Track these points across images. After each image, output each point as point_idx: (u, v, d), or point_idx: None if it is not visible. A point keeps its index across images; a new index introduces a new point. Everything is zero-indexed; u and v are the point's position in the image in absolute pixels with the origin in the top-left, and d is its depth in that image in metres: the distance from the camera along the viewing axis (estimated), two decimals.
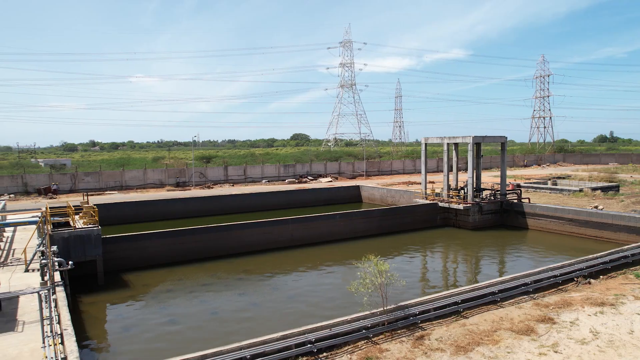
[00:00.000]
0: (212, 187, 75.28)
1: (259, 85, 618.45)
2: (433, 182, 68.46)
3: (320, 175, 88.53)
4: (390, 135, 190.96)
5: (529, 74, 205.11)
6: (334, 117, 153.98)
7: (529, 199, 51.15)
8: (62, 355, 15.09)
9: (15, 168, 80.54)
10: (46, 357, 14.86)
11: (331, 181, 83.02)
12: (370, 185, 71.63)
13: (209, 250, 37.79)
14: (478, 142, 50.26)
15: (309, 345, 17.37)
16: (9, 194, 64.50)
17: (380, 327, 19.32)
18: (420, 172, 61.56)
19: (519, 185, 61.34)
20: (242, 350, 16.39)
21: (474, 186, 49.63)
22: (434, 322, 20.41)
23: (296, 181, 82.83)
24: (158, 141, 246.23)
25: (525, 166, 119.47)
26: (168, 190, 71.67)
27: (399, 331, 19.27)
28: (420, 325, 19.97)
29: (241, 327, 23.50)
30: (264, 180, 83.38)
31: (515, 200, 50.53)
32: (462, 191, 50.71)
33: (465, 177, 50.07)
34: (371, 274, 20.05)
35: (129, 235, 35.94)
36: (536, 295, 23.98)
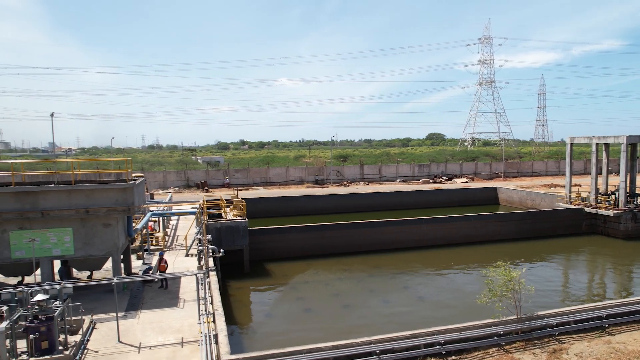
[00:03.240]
0: (348, 185, 76.89)
1: (395, 85, 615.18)
2: (579, 186, 62.77)
3: (455, 176, 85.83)
4: (531, 134, 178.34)
5: None
6: (472, 115, 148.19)
7: None
8: (214, 333, 16.74)
9: (179, 165, 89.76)
10: (201, 332, 16.59)
11: (467, 182, 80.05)
12: (509, 187, 67.76)
13: (344, 245, 38.84)
14: (633, 143, 45.02)
15: (437, 347, 17.17)
16: (175, 187, 72.26)
17: (514, 336, 18.40)
18: (564, 175, 56.70)
19: None
20: (372, 345, 16.73)
21: (627, 191, 44.56)
22: (573, 335, 18.90)
23: (430, 181, 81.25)
24: (299, 140, 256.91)
25: None
26: (307, 187, 74.69)
27: (533, 342, 18.19)
28: (558, 337, 18.63)
29: (370, 322, 23.89)
30: (398, 180, 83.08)
31: None
32: (613, 196, 45.79)
33: (617, 181, 45.09)
34: (502, 280, 19.17)
35: (272, 228, 38.34)
36: None
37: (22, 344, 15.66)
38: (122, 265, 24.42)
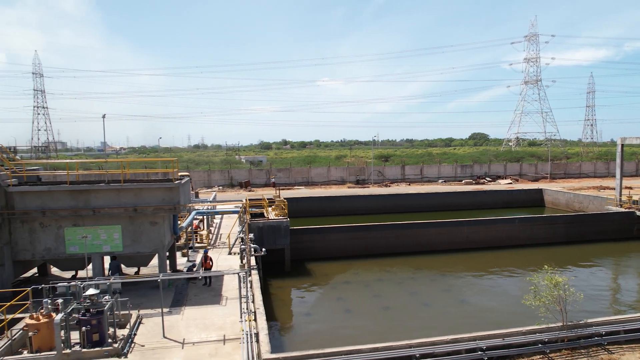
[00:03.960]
0: (389, 186, 76.26)
1: (438, 85, 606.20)
2: (630, 188, 59.98)
3: (499, 177, 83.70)
4: (579, 134, 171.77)
5: None
6: (516, 115, 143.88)
7: None
8: (255, 331, 16.93)
9: (223, 164, 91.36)
10: (242, 330, 16.82)
11: (511, 183, 77.92)
12: (555, 188, 65.50)
13: (384, 246, 38.54)
14: None
15: (479, 352, 16.77)
16: (219, 186, 73.60)
17: (559, 344, 17.75)
18: (613, 176, 54.33)
19: None
20: (412, 349, 16.51)
21: None
22: (623, 346, 18.05)
23: (473, 182, 79.54)
24: (341, 140, 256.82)
25: None
26: (349, 187, 74.55)
27: (580, 350, 17.50)
28: (607, 347, 17.84)
29: (411, 325, 23.60)
30: (440, 180, 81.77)
31: None
32: None
33: None
34: (546, 286, 18.51)
35: (313, 228, 38.46)
36: None
37: (75, 335, 16.31)
38: (168, 262, 25.05)
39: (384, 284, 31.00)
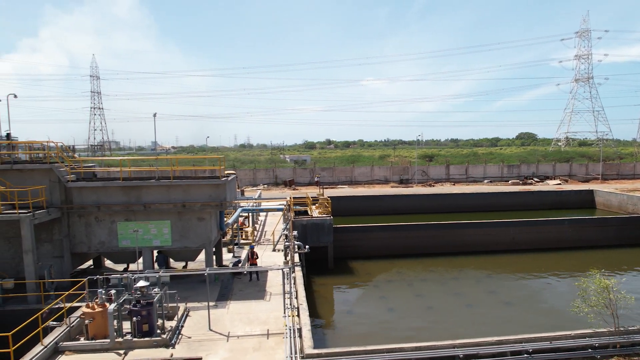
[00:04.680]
0: (433, 185, 75.08)
1: (484, 84, 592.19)
2: None
3: (547, 177, 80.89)
4: (634, 134, 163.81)
5: None
6: (566, 114, 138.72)
7: None
8: (298, 327, 17.02)
9: (268, 163, 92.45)
10: (286, 325, 16.96)
11: (560, 184, 75.16)
12: (607, 190, 62.69)
13: (427, 246, 37.97)
14: None
15: (525, 355, 16.25)
16: (264, 184, 74.53)
17: (611, 350, 16.96)
18: None
19: None
20: (455, 349, 16.18)
21: None
22: None
23: (520, 182, 77.18)
24: (384, 140, 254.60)
25: None
26: (392, 187, 73.90)
27: (634, 358, 16.67)
28: None
29: (454, 326, 23.16)
30: (485, 181, 79.81)
31: None
32: None
33: None
34: (595, 290, 17.72)
35: (356, 227, 38.32)
36: None
37: (126, 325, 16.89)
38: (214, 257, 25.55)
39: (426, 284, 30.55)
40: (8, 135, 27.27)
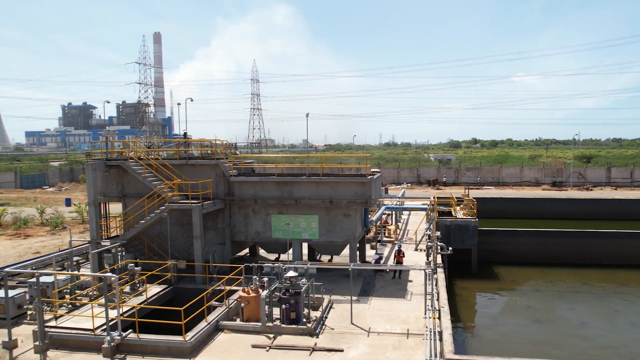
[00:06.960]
0: (591, 189, 67.30)
1: None
2: None
3: None
4: None
5: None
6: None
7: None
8: (439, 329, 16.37)
9: (412, 162, 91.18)
10: (426, 327, 16.41)
11: None
12: None
13: (582, 256, 34.07)
14: None
15: None
16: (407, 183, 73.73)
17: None
18: None
19: None
20: None
21: None
22: None
23: None
24: (536, 139, 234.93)
25: None
26: (543, 189, 67.94)
27: None
28: None
29: (613, 346, 20.40)
30: None
31: None
32: None
33: None
34: None
35: (503, 230, 35.94)
36: None
37: (276, 311, 17.84)
38: (358, 253, 25.82)
39: (581, 297, 27.45)
40: (185, 135, 30.54)
